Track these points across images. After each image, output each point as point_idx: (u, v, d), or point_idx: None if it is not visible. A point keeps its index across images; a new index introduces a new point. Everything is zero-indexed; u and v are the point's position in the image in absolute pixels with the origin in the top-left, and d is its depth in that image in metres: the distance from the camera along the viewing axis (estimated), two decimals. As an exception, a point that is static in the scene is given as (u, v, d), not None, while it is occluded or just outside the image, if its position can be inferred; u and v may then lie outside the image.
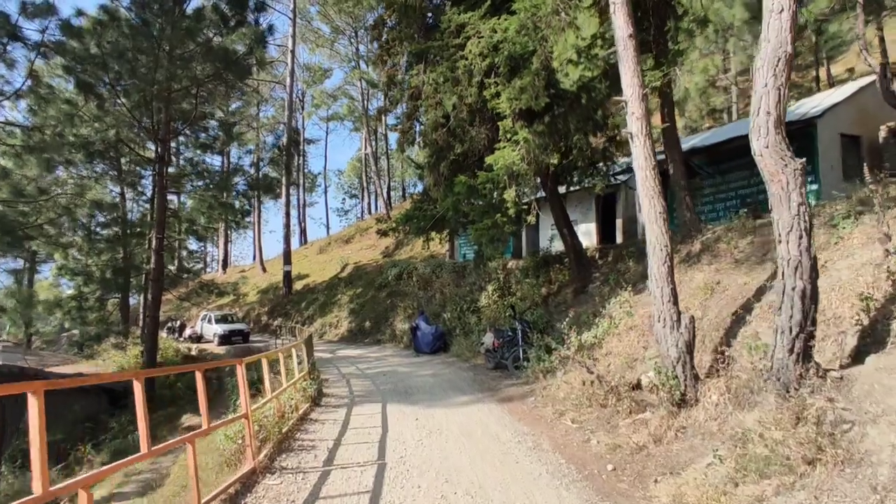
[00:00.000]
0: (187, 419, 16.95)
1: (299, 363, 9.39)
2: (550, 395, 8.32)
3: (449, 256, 25.36)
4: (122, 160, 20.72)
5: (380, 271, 28.11)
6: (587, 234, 18.63)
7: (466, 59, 9.58)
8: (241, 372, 5.30)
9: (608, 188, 18.25)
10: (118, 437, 16.75)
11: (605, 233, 19.02)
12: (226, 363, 8.26)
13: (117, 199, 21.72)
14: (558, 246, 17.69)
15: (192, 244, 67.64)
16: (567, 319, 9.23)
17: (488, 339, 12.10)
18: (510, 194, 8.66)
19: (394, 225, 14.35)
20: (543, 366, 9.53)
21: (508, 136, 8.87)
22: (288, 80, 34.21)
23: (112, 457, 15.49)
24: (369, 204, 57.22)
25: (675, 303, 5.88)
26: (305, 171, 62.91)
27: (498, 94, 9.09)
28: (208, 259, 67.10)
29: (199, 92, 20.20)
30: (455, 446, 6.13)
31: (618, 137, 10.72)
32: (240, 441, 5.43)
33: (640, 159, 6.05)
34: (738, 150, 13.55)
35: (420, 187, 17.52)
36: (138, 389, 3.79)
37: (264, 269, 41.19)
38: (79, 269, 20.00)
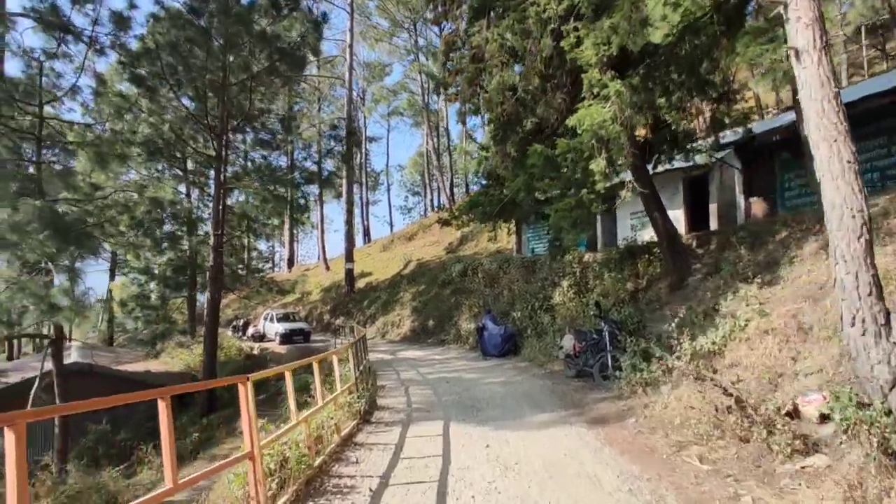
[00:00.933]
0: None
1: (344, 373, 8.03)
2: (657, 417, 6.47)
3: (516, 251, 23.55)
4: (185, 159, 20.57)
5: (443, 268, 26.74)
6: (675, 221, 16.26)
7: (538, 3, 7.87)
8: (245, 395, 3.91)
9: (699, 169, 15.93)
10: (178, 438, 16.38)
11: (695, 220, 16.56)
12: (230, 380, 7.01)
13: (181, 198, 21.60)
14: (642, 236, 15.49)
15: (261, 244, 69.75)
16: (676, 320, 7.35)
17: (567, 342, 10.32)
18: (598, 164, 6.88)
19: (456, 213, 12.82)
20: (641, 377, 7.67)
21: (595, 90, 7.08)
22: (347, 75, 33.60)
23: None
24: (432, 201, 56.16)
25: (881, 297, 3.92)
26: (368, 169, 62.98)
27: (579, 42, 7.33)
28: (277, 259, 68.84)
29: (254, 85, 19.64)
30: (540, 494, 4.48)
31: (732, 96, 8.62)
32: (247, 487, 4.08)
33: (813, 86, 4.13)
34: (876, 112, 11.01)
35: (482, 184, 15.94)
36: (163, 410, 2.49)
37: (328, 268, 41.02)
38: (142, 267, 19.96)
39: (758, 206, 14.85)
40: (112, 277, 29.59)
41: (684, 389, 6.63)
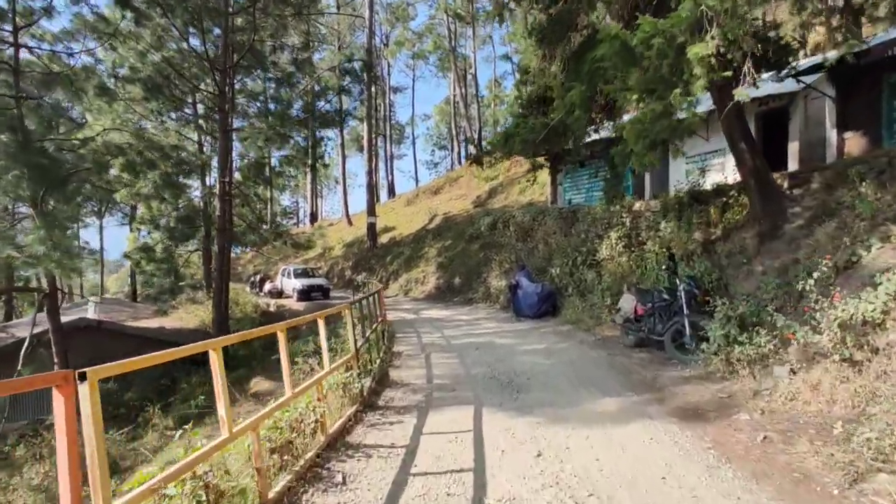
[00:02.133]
0: (256, 384, 15.10)
1: (341, 344, 6.18)
2: (782, 414, 4.48)
3: (551, 202, 21.27)
4: (195, 103, 18.74)
5: (471, 221, 24.68)
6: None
7: None
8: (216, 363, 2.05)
9: (777, 100, 13.32)
10: (188, 399, 15.31)
11: (771, 161, 14.02)
12: (198, 348, 5.21)
13: (185, 144, 19.87)
14: (704, 183, 13.06)
15: (285, 199, 68.66)
16: (816, 275, 5.25)
17: (627, 302, 8.29)
18: (704, 46, 4.65)
19: (490, 147, 10.69)
20: (742, 352, 5.63)
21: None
22: (367, 11, 30.77)
23: (178, 425, 13.98)
24: (459, 154, 53.57)
25: None
26: (392, 121, 60.33)
27: None
28: (301, 214, 67.77)
29: (260, 15, 17.43)
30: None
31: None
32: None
33: None
34: None
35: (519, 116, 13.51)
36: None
37: (350, 223, 39.39)
38: (146, 217, 18.50)
39: (854, 143, 12.26)
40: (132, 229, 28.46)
41: (821, 375, 4.58)
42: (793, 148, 13.46)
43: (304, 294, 22.81)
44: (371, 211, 30.49)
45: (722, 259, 8.74)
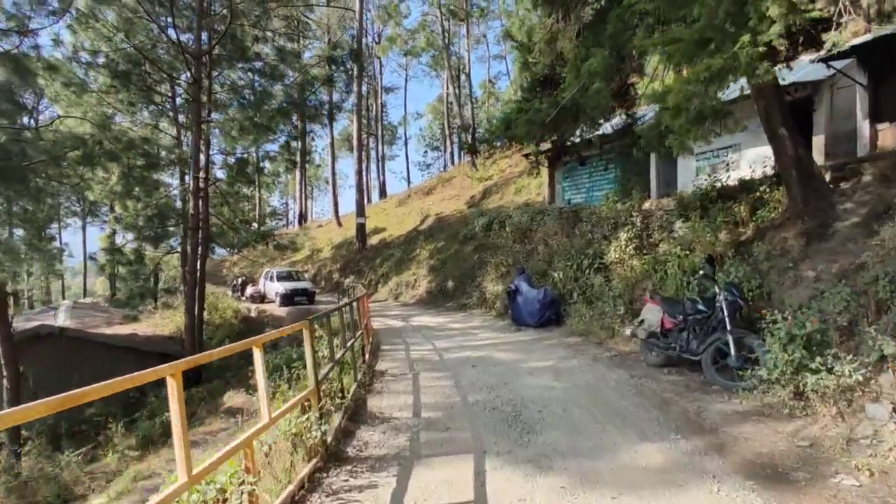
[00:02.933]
0: (230, 398, 13.73)
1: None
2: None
3: (549, 202, 20.03)
4: (174, 96, 17.28)
5: (464, 222, 23.39)
6: (757, 161, 12.48)
7: None
8: None
9: (799, 90, 12.16)
10: (156, 414, 13.94)
11: (793, 156, 12.82)
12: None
13: (158, 137, 18.42)
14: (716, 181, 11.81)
15: (275, 200, 67.03)
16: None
17: (651, 314, 7.01)
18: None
19: (487, 136, 9.43)
20: (820, 382, 4.37)
21: None
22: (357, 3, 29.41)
23: (141, 445, 12.62)
24: (452, 154, 52.30)
25: None
26: (384, 122, 58.97)
27: None
28: (291, 216, 66.18)
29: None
30: None
31: None
32: None
33: None
34: None
35: (521, 98, 12.22)
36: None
37: (339, 224, 37.93)
38: (117, 216, 17.06)
39: (890, 135, 11.11)
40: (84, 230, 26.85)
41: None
42: (818, 142, 12.26)
43: (288, 299, 21.41)
44: (360, 211, 29.11)
45: (760, 262, 7.49)
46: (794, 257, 7.05)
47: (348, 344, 6.08)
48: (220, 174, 19.96)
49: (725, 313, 5.87)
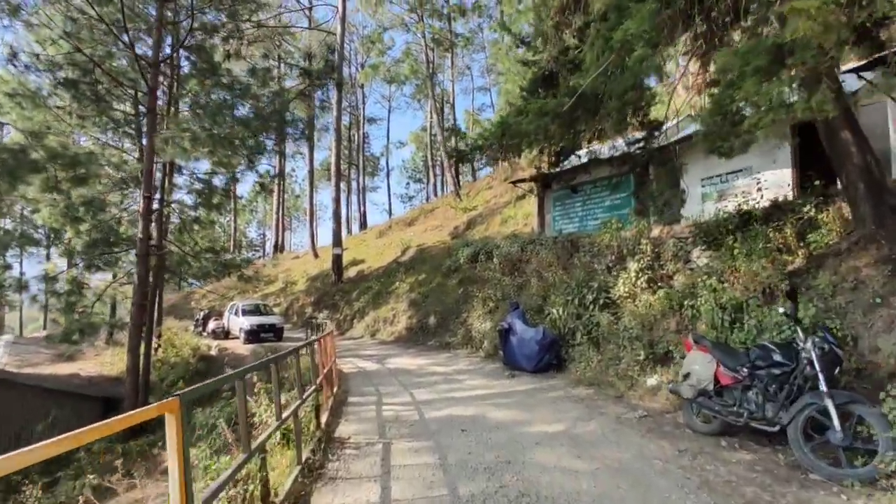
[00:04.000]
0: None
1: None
2: None
3: (539, 231, 18.51)
4: (108, 99, 15.51)
5: (448, 253, 21.72)
6: (773, 185, 11.12)
7: None
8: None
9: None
10: (84, 472, 11.51)
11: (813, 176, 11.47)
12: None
13: (109, 153, 16.58)
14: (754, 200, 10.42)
15: (252, 231, 64.72)
16: None
17: (701, 365, 5.29)
18: None
19: (480, 142, 7.87)
20: None
21: None
22: (338, 27, 28.35)
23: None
24: (435, 186, 51.06)
25: None
26: (366, 153, 57.74)
27: None
28: (269, 247, 63.90)
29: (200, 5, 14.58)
30: None
31: None
32: None
33: None
34: None
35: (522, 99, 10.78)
36: None
37: (316, 255, 35.95)
38: (52, 241, 15.01)
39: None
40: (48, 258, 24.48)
41: None
42: (844, 163, 10.92)
43: (253, 335, 19.29)
44: (337, 241, 27.28)
45: (828, 298, 5.89)
46: (878, 291, 5.46)
47: (285, 413, 4.21)
48: (184, 196, 18.16)
49: (818, 368, 4.19)
